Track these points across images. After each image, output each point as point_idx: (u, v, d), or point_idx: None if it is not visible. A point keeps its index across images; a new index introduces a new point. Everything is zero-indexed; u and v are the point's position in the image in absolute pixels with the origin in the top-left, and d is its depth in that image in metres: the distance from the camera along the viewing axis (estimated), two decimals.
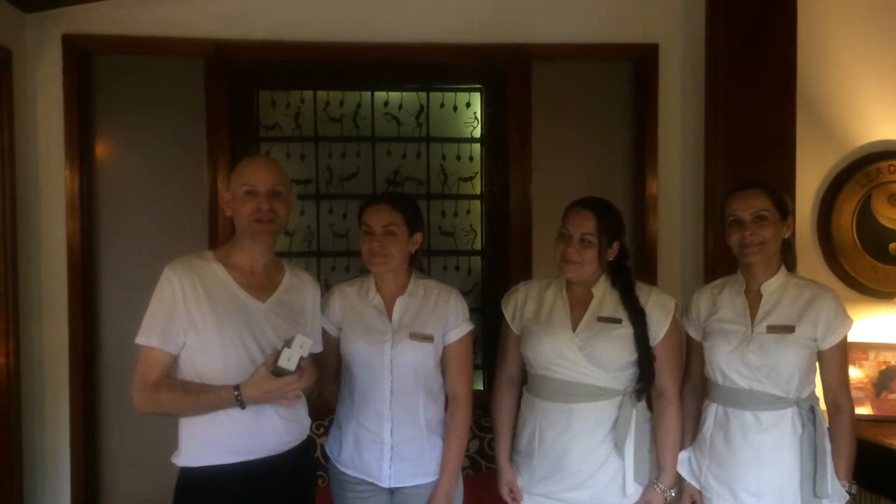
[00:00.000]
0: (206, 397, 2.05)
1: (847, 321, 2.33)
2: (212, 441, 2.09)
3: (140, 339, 2.08)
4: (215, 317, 2.08)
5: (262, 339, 2.13)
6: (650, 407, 2.42)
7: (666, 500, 2.35)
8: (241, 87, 3.50)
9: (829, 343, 2.31)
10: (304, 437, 2.27)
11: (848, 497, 2.32)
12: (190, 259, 2.16)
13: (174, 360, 2.11)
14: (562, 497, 2.34)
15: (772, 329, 2.31)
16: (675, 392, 2.38)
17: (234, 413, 2.07)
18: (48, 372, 3.30)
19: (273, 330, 2.15)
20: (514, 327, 2.48)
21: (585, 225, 2.34)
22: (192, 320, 2.07)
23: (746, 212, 2.32)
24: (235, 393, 2.02)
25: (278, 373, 2.02)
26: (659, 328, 2.35)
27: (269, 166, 2.23)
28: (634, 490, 2.34)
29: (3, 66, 3.03)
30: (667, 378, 2.36)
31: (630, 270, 2.45)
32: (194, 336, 2.08)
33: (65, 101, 3.26)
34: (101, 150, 3.40)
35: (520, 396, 2.49)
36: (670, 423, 2.38)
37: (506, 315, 2.50)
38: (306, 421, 2.28)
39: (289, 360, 2.00)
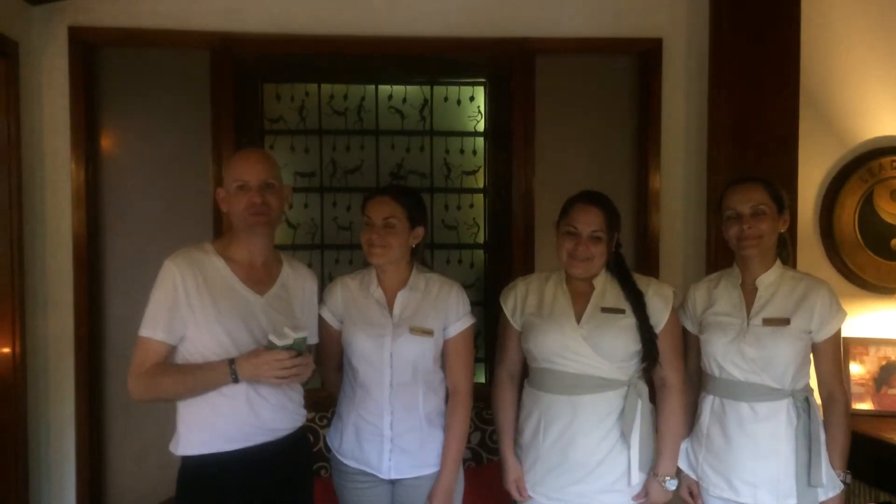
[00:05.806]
0: (202, 374, 2.08)
1: (841, 313, 2.35)
2: (209, 428, 2.11)
3: (145, 332, 2.09)
4: (216, 310, 2.10)
5: (259, 332, 2.14)
6: (653, 400, 2.41)
7: (665, 489, 2.34)
8: (245, 80, 3.51)
9: (823, 335, 2.33)
10: (300, 424, 2.28)
11: (843, 486, 2.34)
12: (190, 251, 2.18)
13: (172, 351, 2.13)
14: (567, 490, 2.34)
15: (767, 322, 2.33)
16: (677, 381, 2.38)
17: (230, 400, 2.10)
18: (53, 364, 3.32)
19: (270, 323, 2.17)
20: (515, 322, 2.47)
21: (595, 222, 2.33)
22: (193, 313, 2.09)
23: (745, 205, 2.34)
24: (231, 366, 2.05)
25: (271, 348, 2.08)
26: (660, 317, 2.35)
27: (258, 159, 2.22)
28: (639, 481, 2.34)
29: (10, 59, 3.05)
30: (669, 367, 2.37)
31: (623, 258, 2.46)
32: (194, 328, 2.10)
33: (71, 94, 3.27)
34: (106, 142, 3.42)
35: (520, 391, 2.50)
36: (672, 412, 2.37)
37: (505, 310, 2.49)
38: (301, 409, 2.29)
39: (280, 339, 2.06)
